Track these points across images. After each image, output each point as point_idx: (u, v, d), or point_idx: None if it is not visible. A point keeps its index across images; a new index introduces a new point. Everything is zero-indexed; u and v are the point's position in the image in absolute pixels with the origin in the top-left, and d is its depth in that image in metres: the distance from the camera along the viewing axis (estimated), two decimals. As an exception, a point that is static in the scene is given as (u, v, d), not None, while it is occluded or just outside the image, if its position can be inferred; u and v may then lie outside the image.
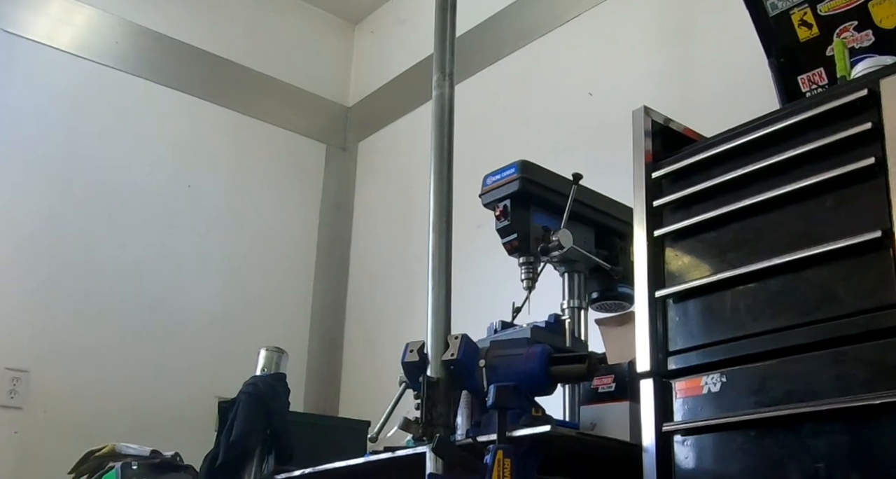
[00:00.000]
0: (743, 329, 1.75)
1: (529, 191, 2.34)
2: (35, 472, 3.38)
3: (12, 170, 3.71)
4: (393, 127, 4.52)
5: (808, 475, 1.58)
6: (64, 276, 3.61)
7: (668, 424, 1.82)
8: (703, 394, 1.78)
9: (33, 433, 3.46)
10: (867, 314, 1.55)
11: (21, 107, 3.79)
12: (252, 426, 2.53)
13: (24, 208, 3.70)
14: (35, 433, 3.46)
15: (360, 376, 3.70)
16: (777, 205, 1.74)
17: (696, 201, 1.90)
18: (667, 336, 1.89)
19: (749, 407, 1.70)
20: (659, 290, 1.91)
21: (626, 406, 2.10)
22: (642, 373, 1.89)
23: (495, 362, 2.04)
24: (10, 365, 3.50)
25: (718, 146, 1.89)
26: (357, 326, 4.34)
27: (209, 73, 4.40)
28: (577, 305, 2.44)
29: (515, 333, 2.25)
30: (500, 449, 1.82)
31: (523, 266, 2.38)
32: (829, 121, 1.69)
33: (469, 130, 3.96)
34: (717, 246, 1.86)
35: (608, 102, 3.24)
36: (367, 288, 4.37)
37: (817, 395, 1.59)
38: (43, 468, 3.36)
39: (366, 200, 4.60)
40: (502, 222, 2.34)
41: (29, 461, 3.39)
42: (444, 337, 2.09)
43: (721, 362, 1.77)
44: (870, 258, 1.57)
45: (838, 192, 1.65)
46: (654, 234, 1.96)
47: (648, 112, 2.06)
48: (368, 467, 2.37)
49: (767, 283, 1.73)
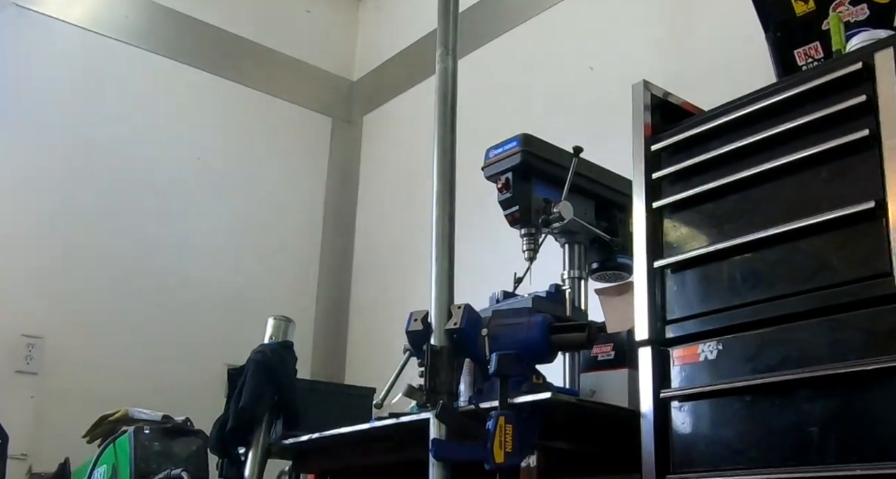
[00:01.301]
0: (739, 298, 1.75)
1: (531, 164, 2.34)
2: (50, 435, 3.40)
3: (27, 142, 3.73)
4: (397, 101, 4.51)
5: (802, 440, 1.59)
6: (78, 246, 3.62)
7: (665, 390, 1.83)
8: (699, 361, 1.79)
9: (48, 398, 3.48)
10: (860, 283, 1.56)
11: (34, 79, 3.80)
12: (260, 392, 2.54)
13: (39, 180, 3.71)
14: (50, 398, 3.48)
15: (366, 344, 3.71)
16: (773, 177, 1.74)
17: (694, 173, 1.90)
18: (665, 305, 1.89)
19: (745, 374, 1.70)
20: (657, 260, 1.91)
21: (624, 374, 2.10)
22: (641, 341, 1.90)
23: (497, 331, 2.04)
24: (25, 332, 3.53)
25: (716, 119, 1.88)
26: (362, 295, 4.35)
27: (217, 48, 4.39)
28: (577, 275, 2.44)
29: (517, 302, 2.26)
30: (502, 415, 1.82)
31: (525, 237, 2.39)
32: (824, 94, 1.69)
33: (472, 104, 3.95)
34: (715, 217, 1.86)
35: (608, 76, 3.23)
36: (372, 259, 4.38)
37: (811, 362, 1.60)
38: (58, 431, 3.39)
39: (371, 173, 4.60)
40: (504, 195, 2.34)
41: (44, 424, 3.42)
42: (447, 307, 2.09)
43: (717, 331, 1.78)
44: (863, 228, 1.57)
45: (833, 163, 1.65)
46: (652, 205, 1.96)
47: (648, 86, 2.06)
48: (373, 432, 2.39)
49: (763, 253, 1.73)
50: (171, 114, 4.14)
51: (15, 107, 3.73)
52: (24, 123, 3.74)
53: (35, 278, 3.57)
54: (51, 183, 3.73)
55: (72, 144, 3.80)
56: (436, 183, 2.22)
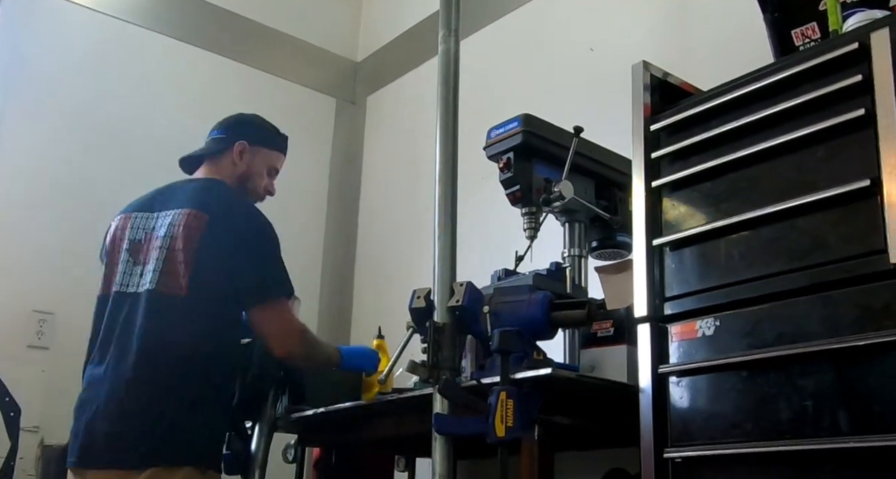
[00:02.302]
0: (736, 275, 1.76)
1: (532, 143, 2.34)
2: (62, 408, 3.40)
3: (37, 121, 3.73)
4: (401, 82, 4.50)
5: (797, 413, 1.60)
6: (88, 222, 3.61)
7: (663, 366, 1.84)
8: (697, 337, 1.80)
9: (59, 372, 3.49)
10: (855, 260, 1.56)
11: (44, 60, 3.80)
12: (266, 368, 2.54)
13: (49, 157, 3.72)
14: (61, 372, 3.49)
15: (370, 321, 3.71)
16: (770, 156, 1.74)
17: (693, 153, 1.90)
18: (663, 283, 1.90)
19: (741, 349, 1.71)
20: (656, 238, 1.92)
21: (623, 350, 2.11)
22: (639, 318, 1.91)
23: (499, 308, 2.05)
24: (37, 308, 3.55)
25: (714, 99, 1.88)
26: (366, 273, 4.36)
27: (223, 29, 4.38)
28: (577, 253, 2.45)
29: (518, 280, 2.26)
30: (504, 391, 1.83)
31: (526, 216, 2.39)
32: (821, 74, 1.68)
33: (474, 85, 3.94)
34: (713, 196, 1.86)
35: (608, 57, 3.22)
36: (376, 237, 4.38)
37: (807, 337, 1.61)
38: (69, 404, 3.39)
39: (374, 153, 4.60)
40: (505, 174, 2.34)
41: (56, 397, 3.42)
42: (449, 284, 2.10)
43: (715, 307, 1.78)
44: (858, 206, 1.57)
45: (829, 142, 1.65)
46: (651, 184, 1.96)
47: (647, 67, 2.06)
48: (377, 407, 2.40)
49: (760, 231, 1.74)
50: (178, 94, 4.13)
51: (26, 86, 3.74)
52: (35, 103, 3.74)
53: (46, 254, 3.58)
54: (61, 161, 3.73)
55: (81, 123, 3.80)
56: (438, 163, 2.23)
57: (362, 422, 2.56)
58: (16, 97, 3.72)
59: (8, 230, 3.57)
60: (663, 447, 1.79)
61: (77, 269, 3.61)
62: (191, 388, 2.23)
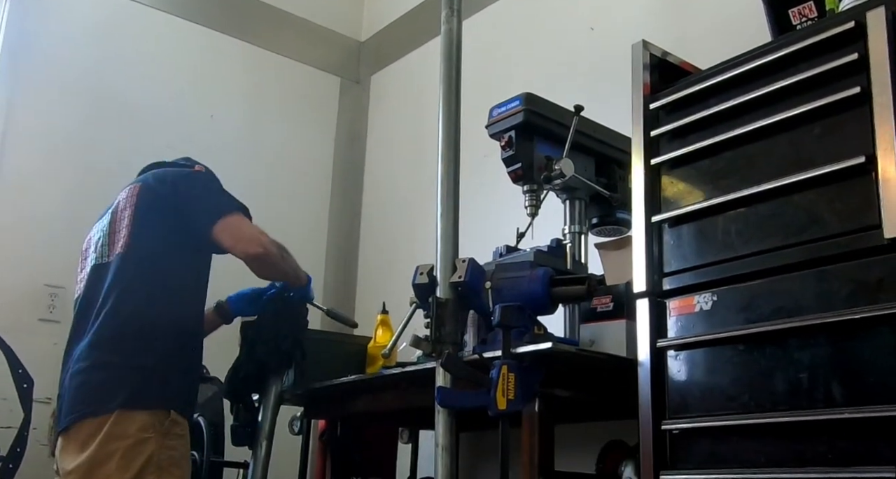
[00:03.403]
0: (734, 251, 1.76)
1: (533, 122, 2.34)
2: (74, 381, 3.44)
3: (46, 95, 3.74)
4: (404, 61, 4.49)
5: (793, 386, 1.61)
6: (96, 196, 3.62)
7: (662, 340, 1.85)
8: (695, 312, 1.80)
9: (71, 345, 3.53)
10: (850, 235, 1.57)
11: (52, 36, 3.80)
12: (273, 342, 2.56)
13: (56, 132, 3.73)
14: (73, 345, 3.52)
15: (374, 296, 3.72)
16: (767, 133, 1.74)
17: (691, 131, 1.90)
18: (662, 259, 1.90)
19: (738, 324, 1.72)
20: (655, 215, 1.92)
21: (622, 324, 2.12)
22: (638, 293, 1.91)
23: (500, 283, 2.06)
24: (48, 282, 3.57)
25: (712, 78, 1.88)
26: (370, 250, 4.37)
27: (229, 8, 4.37)
28: (577, 230, 2.45)
29: (519, 256, 2.27)
30: (505, 364, 1.84)
31: (527, 194, 2.39)
32: (817, 52, 1.68)
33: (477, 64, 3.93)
34: (711, 173, 1.87)
35: (609, 36, 3.22)
36: (379, 215, 4.38)
37: (802, 311, 1.61)
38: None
39: (378, 131, 4.59)
40: (507, 152, 2.34)
41: (68, 370, 3.46)
42: (452, 261, 2.11)
43: (713, 282, 1.79)
44: (854, 182, 1.57)
45: (825, 120, 1.64)
46: (651, 162, 1.96)
47: (647, 46, 2.05)
48: (381, 381, 2.41)
49: (757, 207, 1.74)
50: (185, 72, 4.13)
51: (35, 63, 3.75)
52: (43, 79, 3.75)
53: (57, 229, 3.58)
54: (69, 136, 3.74)
55: (89, 100, 3.80)
56: (441, 142, 2.23)
57: (367, 395, 2.57)
58: (25, 74, 3.72)
59: (19, 206, 3.58)
60: (661, 419, 1.80)
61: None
62: (144, 337, 2.26)
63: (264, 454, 2.54)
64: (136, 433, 2.14)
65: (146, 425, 2.16)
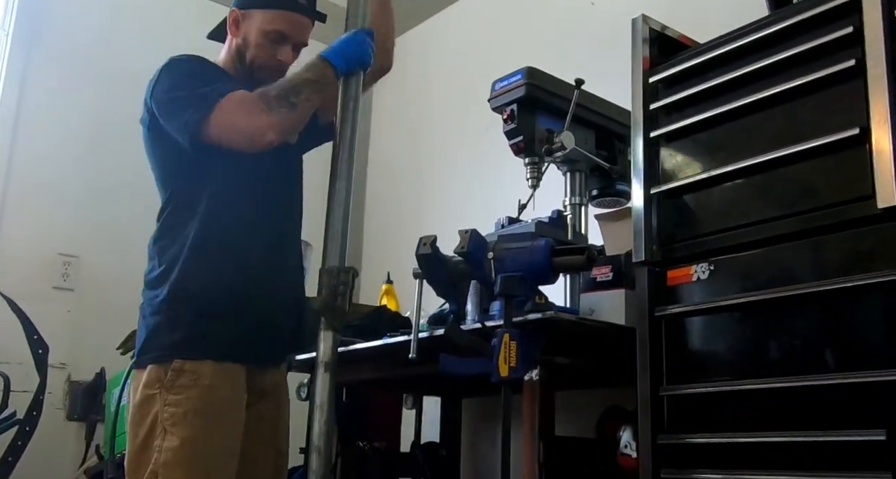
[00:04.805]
0: (730, 221, 1.77)
1: (535, 96, 2.34)
2: (87, 347, 3.47)
3: (60, 69, 3.76)
4: (408, 35, 4.47)
5: (786, 352, 1.62)
6: (109, 167, 3.64)
7: (659, 309, 1.85)
8: (692, 281, 1.81)
9: (85, 313, 3.55)
10: (844, 205, 1.57)
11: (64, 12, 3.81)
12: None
13: (71, 104, 3.75)
14: (86, 313, 3.55)
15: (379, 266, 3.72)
16: (763, 106, 1.74)
17: (690, 104, 1.90)
18: (660, 229, 1.90)
19: (734, 292, 1.73)
20: (654, 187, 1.92)
21: (622, 293, 2.12)
22: (637, 263, 1.92)
23: (502, 254, 2.06)
24: (62, 251, 3.60)
25: (710, 52, 1.88)
26: (376, 222, 4.36)
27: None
28: (578, 201, 2.45)
29: (521, 228, 2.27)
30: (507, 333, 1.85)
31: (529, 166, 2.39)
32: (813, 26, 1.68)
33: (479, 39, 3.93)
34: (708, 145, 1.87)
35: (609, 11, 3.20)
36: (384, 187, 4.38)
37: (797, 280, 1.62)
38: (94, 343, 3.44)
39: (383, 106, 4.58)
40: (509, 125, 2.34)
41: (81, 337, 3.49)
42: (337, 266, 1.80)
43: (709, 252, 1.79)
44: (848, 154, 1.57)
45: (821, 93, 1.65)
46: (650, 135, 1.96)
47: (646, 20, 2.04)
48: (387, 348, 2.42)
49: (753, 179, 1.74)
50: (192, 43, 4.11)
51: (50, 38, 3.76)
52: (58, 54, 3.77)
53: (71, 199, 3.62)
54: (83, 108, 3.75)
55: (101, 75, 3.80)
56: (341, 158, 2.02)
57: (372, 362, 2.58)
58: (38, 50, 3.73)
59: (34, 177, 3.61)
60: (658, 386, 1.82)
61: (100, 214, 3.65)
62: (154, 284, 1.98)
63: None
64: (142, 391, 1.86)
65: (151, 380, 1.85)
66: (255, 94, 1.92)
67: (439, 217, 3.72)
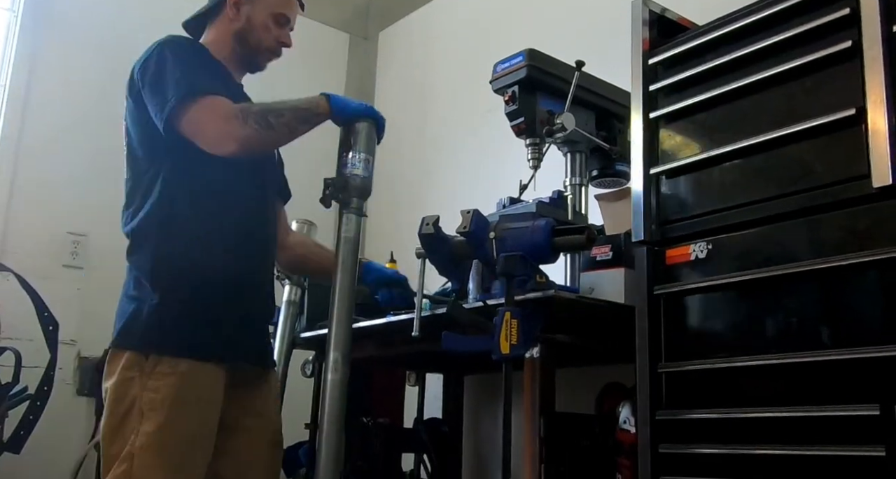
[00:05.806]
0: (728, 201, 1.77)
1: (536, 77, 2.33)
2: (96, 324, 3.46)
3: (68, 50, 3.77)
4: (411, 18, 4.46)
5: (783, 330, 1.63)
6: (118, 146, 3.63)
7: (658, 287, 1.86)
8: (691, 260, 1.81)
9: (94, 290, 3.57)
10: (840, 185, 1.57)
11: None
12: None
13: (78, 84, 3.76)
14: (95, 290, 3.56)
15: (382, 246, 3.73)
16: (761, 87, 1.74)
17: (689, 85, 1.90)
18: (659, 209, 1.91)
19: (732, 271, 1.73)
20: (653, 167, 1.92)
21: (621, 272, 2.12)
22: (636, 242, 1.92)
23: (504, 234, 2.06)
24: (71, 230, 3.63)
25: (709, 34, 1.87)
26: (378, 202, 4.35)
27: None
28: (578, 182, 2.45)
29: (522, 208, 2.27)
30: (508, 311, 1.85)
31: (529, 147, 2.39)
32: (811, 7, 1.67)
33: (481, 21, 3.91)
34: (707, 126, 1.86)
35: (610, -7, 3.19)
36: (387, 168, 4.37)
37: (794, 258, 1.62)
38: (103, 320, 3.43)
39: (386, 87, 4.57)
40: (511, 107, 2.34)
41: (90, 314, 3.49)
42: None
43: (708, 231, 1.79)
44: (844, 134, 1.57)
45: (818, 74, 1.64)
46: (649, 116, 1.96)
47: (646, 2, 2.04)
48: (391, 326, 2.42)
49: (751, 159, 1.74)
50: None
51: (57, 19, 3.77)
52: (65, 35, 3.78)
53: (79, 178, 3.63)
54: (91, 87, 3.75)
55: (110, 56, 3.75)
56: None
57: (376, 339, 2.59)
58: (46, 31, 3.73)
59: (43, 156, 3.62)
60: (657, 363, 1.82)
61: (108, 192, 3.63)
62: (135, 271, 2.07)
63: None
64: (121, 372, 1.88)
65: (131, 364, 1.87)
66: (238, 106, 1.97)
67: (441, 197, 3.73)
